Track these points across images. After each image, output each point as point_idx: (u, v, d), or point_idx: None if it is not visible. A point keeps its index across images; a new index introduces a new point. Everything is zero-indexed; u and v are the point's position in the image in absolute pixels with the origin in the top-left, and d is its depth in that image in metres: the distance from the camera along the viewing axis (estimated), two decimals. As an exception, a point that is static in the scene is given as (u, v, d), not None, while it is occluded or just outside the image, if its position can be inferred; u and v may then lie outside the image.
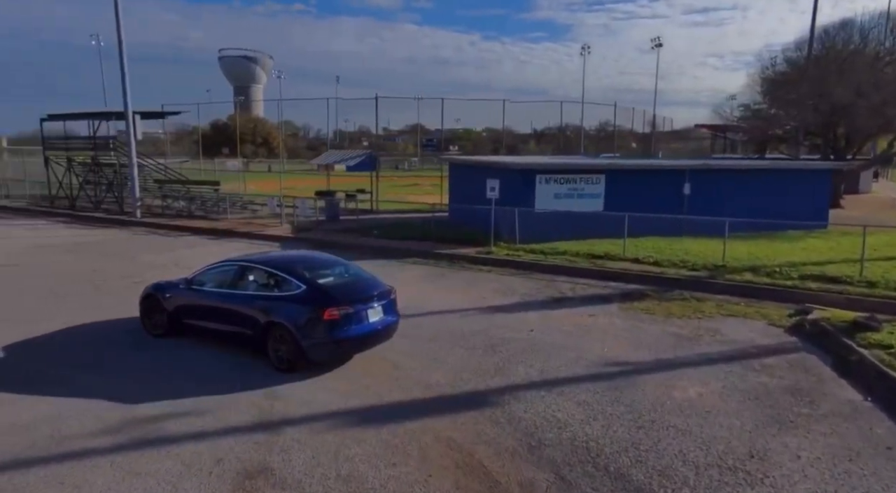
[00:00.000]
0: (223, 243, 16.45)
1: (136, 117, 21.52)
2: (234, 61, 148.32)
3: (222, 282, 7.70)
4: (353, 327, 6.82)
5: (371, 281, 7.67)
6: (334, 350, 6.94)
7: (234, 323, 7.33)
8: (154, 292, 8.26)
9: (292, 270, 7.28)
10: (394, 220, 20.14)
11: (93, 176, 24.14)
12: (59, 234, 18.22)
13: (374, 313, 7.11)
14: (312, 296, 6.88)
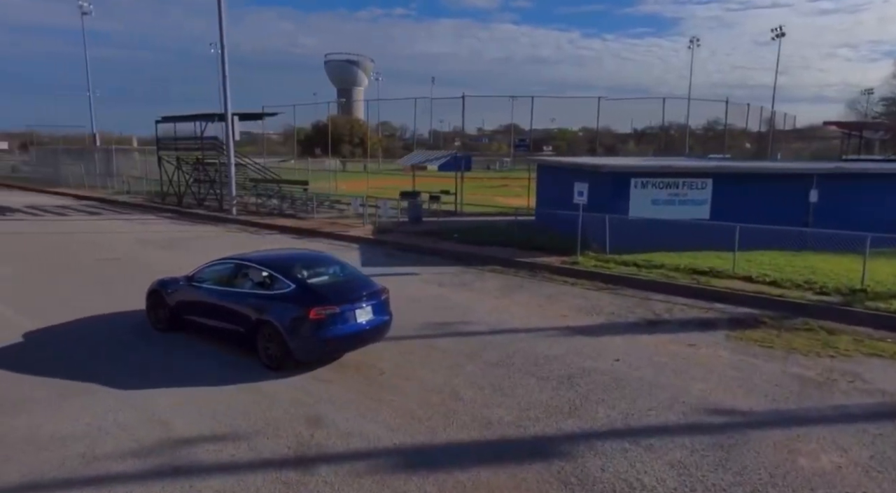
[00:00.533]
0: (304, 243, 16.54)
1: (235, 119, 22.45)
2: (338, 65, 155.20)
3: (219, 280, 7.83)
4: (338, 327, 6.87)
5: (362, 282, 7.73)
6: (320, 349, 6.99)
7: (228, 320, 7.46)
8: (158, 288, 8.51)
9: (284, 269, 7.37)
10: (476, 223, 19.36)
11: (198, 174, 25.62)
12: (162, 229, 19.31)
13: (363, 314, 7.14)
14: (300, 295, 6.96)
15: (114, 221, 21.25)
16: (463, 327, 8.89)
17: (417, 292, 11.06)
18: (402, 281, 11.91)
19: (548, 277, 12.43)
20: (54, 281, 11.63)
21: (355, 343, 7.29)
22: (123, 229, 19.13)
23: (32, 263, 13.45)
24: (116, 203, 28.10)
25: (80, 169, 37.88)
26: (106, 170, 36.64)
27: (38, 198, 31.50)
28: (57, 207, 26.44)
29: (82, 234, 18.02)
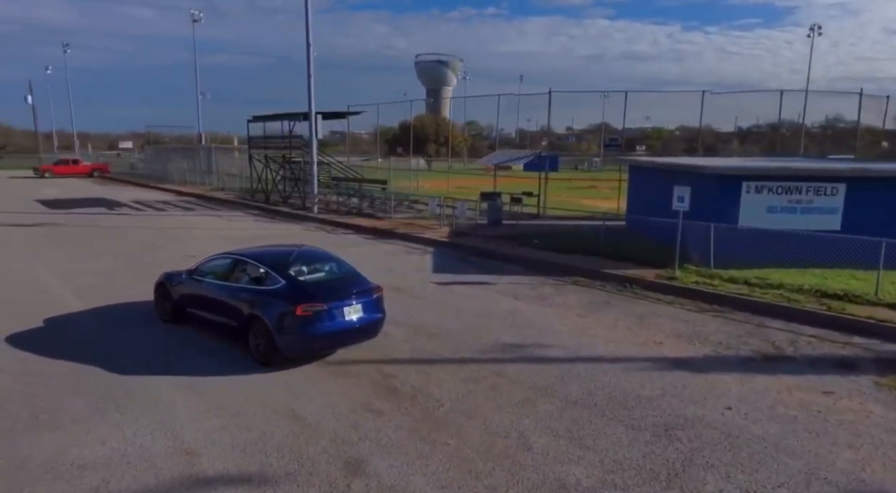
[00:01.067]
0: (376, 245, 16.02)
1: (318, 117, 22.54)
2: (428, 66, 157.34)
3: (218, 274, 8.01)
4: (326, 324, 6.89)
5: (354, 279, 7.72)
6: (306, 346, 7.03)
7: (224, 314, 7.61)
8: (164, 281, 8.81)
9: (277, 265, 7.43)
10: (559, 227, 17.99)
11: (284, 172, 26.15)
12: (245, 227, 19.66)
13: (353, 311, 7.13)
14: (289, 292, 7.02)
15: (206, 218, 22.02)
16: (538, 351, 7.77)
17: (490, 304, 10.05)
18: (474, 292, 10.93)
19: (639, 293, 10.95)
20: (140, 278, 11.81)
21: (344, 341, 7.32)
22: (210, 226, 19.67)
23: (122, 259, 13.88)
24: (211, 199, 29.41)
25: (183, 166, 40.41)
26: (207, 167, 38.78)
27: (144, 193, 33.77)
28: (158, 202, 28.06)
29: (172, 230, 18.67)
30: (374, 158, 44.35)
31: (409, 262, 13.72)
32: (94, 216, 21.56)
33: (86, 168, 49.86)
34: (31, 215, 21.50)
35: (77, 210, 23.48)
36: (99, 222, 19.85)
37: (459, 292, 10.90)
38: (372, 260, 13.71)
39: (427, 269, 13.00)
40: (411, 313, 9.46)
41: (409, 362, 7.32)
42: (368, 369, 7.08)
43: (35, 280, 11.53)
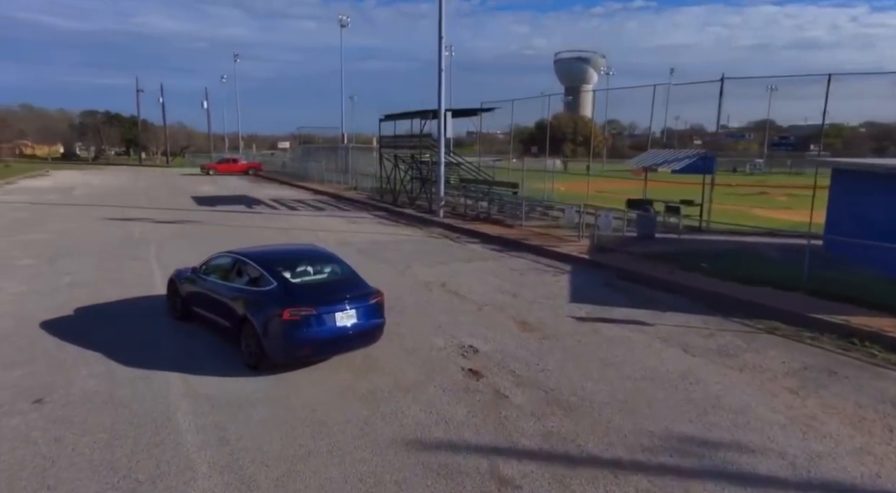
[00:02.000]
0: (502, 259, 13.79)
1: (448, 115, 20.93)
2: (567, 63, 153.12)
3: (219, 273, 7.82)
4: (314, 330, 6.56)
5: (351, 283, 7.37)
6: (291, 351, 6.64)
7: (221, 314, 7.45)
8: (174, 279, 8.76)
9: (272, 267, 7.18)
10: (731, 246, 14.39)
11: (412, 173, 25.05)
12: (367, 231, 18.61)
13: (346, 317, 6.78)
14: (279, 294, 6.76)
15: (330, 218, 21.51)
16: (740, 461, 5.00)
17: (650, 359, 7.35)
18: (626, 335, 8.26)
19: (881, 356, 7.48)
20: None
21: (335, 348, 6.95)
22: (333, 228, 18.92)
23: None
24: (342, 199, 29.40)
25: (322, 165, 41.72)
26: (344, 167, 39.58)
27: (283, 191, 35.07)
28: (293, 200, 28.58)
29: (297, 230, 18.16)
30: (507, 158, 42.32)
31: (541, 284, 11.34)
32: (230, 214, 22.05)
33: (243, 167, 54.16)
34: (178, 212, 22.56)
35: (219, 207, 24.39)
36: (231, 221, 20.08)
37: (606, 335, 8.31)
38: (495, 280, 11.54)
39: (563, 296, 10.52)
40: (541, 365, 7.13)
41: (537, 458, 5.01)
42: (478, 463, 4.90)
43: (142, 271, 11.12)
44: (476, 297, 10.30)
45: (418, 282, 11.38)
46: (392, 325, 8.61)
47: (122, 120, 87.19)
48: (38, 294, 9.88)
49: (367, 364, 7.09)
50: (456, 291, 10.73)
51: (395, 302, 9.85)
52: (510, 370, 6.95)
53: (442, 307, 9.64)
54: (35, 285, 10.44)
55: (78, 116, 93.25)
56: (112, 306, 9.34)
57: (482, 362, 7.22)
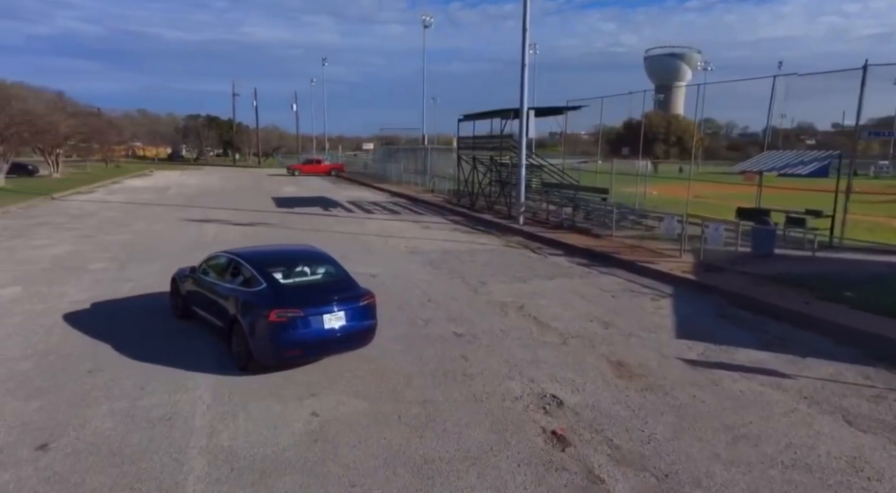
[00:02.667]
0: (591, 276, 12.05)
1: (530, 114, 19.33)
2: (659, 60, 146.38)
3: (216, 272, 7.78)
4: (300, 332, 6.43)
5: (341, 285, 7.18)
6: (277, 353, 6.47)
7: (214, 314, 7.46)
8: (176, 277, 8.84)
9: (263, 267, 7.08)
10: (881, 269, 11.80)
11: (492, 175, 23.65)
12: (440, 238, 17.43)
13: (334, 319, 6.62)
14: (267, 295, 6.66)
15: (404, 223, 20.57)
16: None
17: (799, 432, 5.49)
18: (757, 391, 6.39)
19: None
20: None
21: (323, 350, 6.84)
22: (405, 233, 17.92)
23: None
24: (418, 202, 28.54)
25: (401, 167, 41.32)
26: (423, 168, 38.92)
27: (362, 192, 34.86)
28: (370, 203, 28.08)
29: (367, 236, 17.33)
30: (593, 160, 39.85)
31: (638, 311, 9.56)
32: (304, 217, 21.72)
33: (326, 167, 55.19)
34: (256, 214, 22.56)
35: (296, 209, 24.24)
36: (303, 224, 19.65)
37: (730, 389, 6.49)
38: (583, 304, 9.90)
39: (666, 328, 8.70)
40: (647, 431, 5.49)
41: None
42: None
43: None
44: (560, 325, 8.74)
45: (493, 303, 9.97)
46: (459, 360, 7.29)
47: (221, 123, 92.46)
48: (96, 304, 9.48)
49: (426, 414, 5.79)
50: (536, 316, 9.22)
51: (466, 328, 8.51)
52: (606, 438, 5.38)
53: (519, 338, 8.18)
54: (96, 293, 10.09)
55: (182, 120, 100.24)
56: (160, 322, 8.69)
57: (569, 421, 5.70)
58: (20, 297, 9.75)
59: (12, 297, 9.72)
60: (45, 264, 12.38)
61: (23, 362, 6.95)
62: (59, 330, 8.15)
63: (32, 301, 9.49)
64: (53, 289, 10.26)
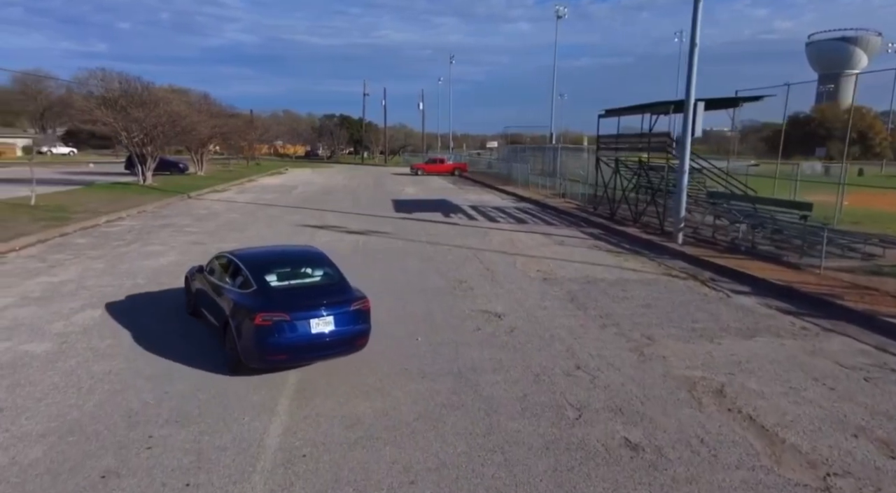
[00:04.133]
0: (811, 339, 8.27)
1: (699, 107, 15.43)
2: (826, 45, 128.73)
3: (218, 273, 7.72)
4: (286, 336, 6.34)
5: (332, 288, 7.09)
6: (261, 357, 6.40)
7: (213, 315, 7.48)
8: (188, 275, 8.96)
9: (256, 269, 7.05)
10: None
11: (639, 181, 19.93)
12: (578, 258, 14.33)
13: (321, 324, 6.52)
14: (256, 298, 6.65)
15: (532, 236, 17.71)
16: None
17: None
18: None
19: None
20: (408, 344, 7.65)
21: (310, 355, 6.63)
22: (535, 251, 15.06)
23: (401, 303, 10.18)
24: (547, 208, 25.48)
25: (528, 168, 38.34)
26: (552, 169, 35.67)
27: (485, 195, 32.46)
28: (494, 208, 25.55)
29: (490, 253, 14.74)
30: (754, 162, 33.88)
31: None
32: (422, 224, 19.69)
33: (449, 167, 53.77)
34: (372, 219, 21.03)
35: (415, 215, 22.40)
36: (419, 234, 17.55)
37: None
38: (821, 392, 6.38)
39: None
40: None
41: None
42: None
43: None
44: (800, 440, 5.42)
45: (674, 379, 6.82)
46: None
47: (352, 122, 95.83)
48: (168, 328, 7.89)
49: None
50: (751, 413, 5.96)
51: (643, 433, 5.52)
52: None
53: (738, 465, 5.02)
54: (168, 327, 8.56)
55: (319, 120, 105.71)
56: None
57: None
58: (91, 326, 8.48)
59: (84, 326, 8.49)
60: (141, 278, 11.35)
61: (54, 426, 5.26)
62: (106, 389, 6.49)
63: (100, 335, 8.13)
64: (131, 319, 8.92)
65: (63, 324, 8.41)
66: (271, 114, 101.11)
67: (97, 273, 11.58)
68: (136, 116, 27.86)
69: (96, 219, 18.57)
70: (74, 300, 9.60)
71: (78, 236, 15.94)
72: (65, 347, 7.52)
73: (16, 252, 13.56)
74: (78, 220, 17.93)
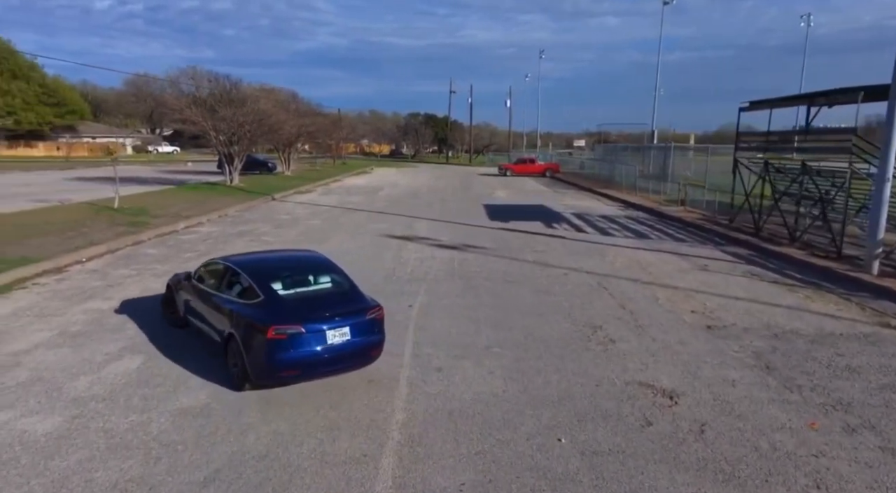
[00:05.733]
0: None
1: (913, 91, 11.47)
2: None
3: (212, 282, 7.17)
4: (300, 350, 5.83)
5: (346, 296, 6.60)
6: (275, 373, 5.88)
7: (209, 326, 6.94)
8: (171, 284, 8.30)
9: (261, 277, 6.53)
10: None
11: (799, 189, 15.95)
12: (737, 292, 10.97)
13: (338, 335, 6.04)
14: (265, 308, 6.13)
15: (660, 256, 14.41)
16: None
17: None
18: None
19: None
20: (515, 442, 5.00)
21: (325, 369, 6.10)
22: (677, 281, 11.83)
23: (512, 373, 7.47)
24: (665, 218, 21.82)
25: (633, 169, 34.41)
26: (660, 171, 31.60)
27: (585, 201, 29.08)
28: (600, 217, 22.25)
29: (618, 281, 11.72)
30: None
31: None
32: (524, 238, 16.90)
33: (540, 168, 50.44)
34: (465, 229, 18.52)
35: (511, 224, 19.66)
36: (525, 251, 14.76)
37: None
38: None
39: None
40: None
41: None
42: None
43: (386, 362, 6.16)
44: None
45: None
46: None
47: (436, 121, 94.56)
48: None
49: None
50: None
51: None
52: None
53: None
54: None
55: (404, 119, 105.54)
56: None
57: None
58: (120, 388, 6.50)
59: (112, 386, 6.51)
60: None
61: None
62: None
63: (126, 405, 6.11)
64: (177, 375, 6.88)
65: (88, 381, 6.48)
66: (357, 113, 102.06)
67: (154, 296, 9.84)
68: (223, 114, 27.14)
69: (174, 225, 17.41)
70: (116, 339, 7.76)
71: (150, 246, 14.64)
72: (75, 426, 5.50)
73: (81, 265, 12.29)
74: (156, 226, 16.80)
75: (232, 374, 6.32)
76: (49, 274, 11.32)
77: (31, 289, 10.26)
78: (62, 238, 14.09)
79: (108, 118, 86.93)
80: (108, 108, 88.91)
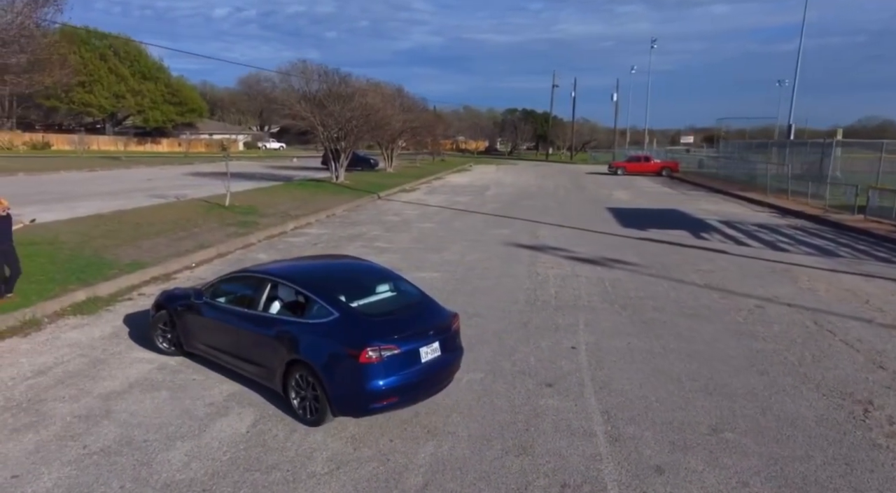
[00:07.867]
0: None
1: None
2: None
3: (237, 298, 6.02)
4: (399, 374, 4.95)
5: (426, 306, 5.71)
6: (370, 403, 4.92)
7: (246, 355, 5.71)
8: (164, 303, 6.73)
9: (321, 288, 5.47)
10: None
11: None
12: None
13: (430, 352, 5.24)
14: (346, 328, 5.09)
15: (873, 282, 11.12)
16: None
17: None
18: None
19: None
20: None
21: (421, 393, 5.26)
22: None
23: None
24: (846, 230, 17.94)
25: (774, 169, 29.88)
26: (810, 171, 27.00)
27: (722, 204, 25.31)
28: (755, 226, 18.77)
29: (836, 320, 8.80)
30: None
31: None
32: (674, 250, 14.11)
33: (656, 166, 46.27)
34: (597, 237, 16.00)
35: (650, 232, 16.86)
36: (686, 268, 12.03)
37: None
38: None
39: None
40: None
41: None
42: None
43: (576, 461, 4.05)
44: None
45: None
46: None
47: (536, 116, 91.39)
48: None
49: None
50: None
51: None
52: None
53: None
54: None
55: (500, 115, 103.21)
56: None
57: None
58: (224, 470, 4.86)
59: (212, 469, 4.91)
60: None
61: None
62: None
63: None
64: (300, 437, 5.18)
65: (184, 455, 4.90)
66: (452, 110, 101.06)
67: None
68: (331, 109, 26.37)
69: (283, 225, 16.41)
70: (221, 379, 6.25)
71: (260, 249, 13.56)
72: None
73: (190, 271, 11.30)
74: (265, 226, 15.85)
75: (301, 408, 5.31)
76: (157, 282, 10.35)
77: (136, 300, 9.23)
78: (173, 239, 13.34)
79: (225, 115, 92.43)
80: (224, 105, 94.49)
